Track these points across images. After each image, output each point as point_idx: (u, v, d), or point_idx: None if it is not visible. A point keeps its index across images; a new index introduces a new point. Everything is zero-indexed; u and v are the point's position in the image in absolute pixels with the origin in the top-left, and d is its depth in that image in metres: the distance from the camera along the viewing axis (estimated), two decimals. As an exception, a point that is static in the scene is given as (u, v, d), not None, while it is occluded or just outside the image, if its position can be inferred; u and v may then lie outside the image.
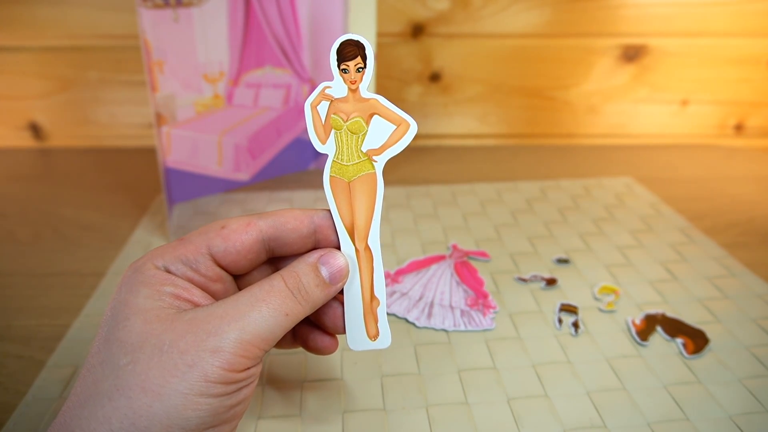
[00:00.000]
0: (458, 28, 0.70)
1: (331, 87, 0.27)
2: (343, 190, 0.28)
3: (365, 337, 0.29)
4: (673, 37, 0.72)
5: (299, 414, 0.33)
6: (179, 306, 0.24)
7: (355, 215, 0.28)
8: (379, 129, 0.27)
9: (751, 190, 0.64)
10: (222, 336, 0.22)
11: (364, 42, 0.26)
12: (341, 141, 0.27)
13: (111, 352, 0.22)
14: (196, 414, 0.21)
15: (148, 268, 0.25)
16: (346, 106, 0.27)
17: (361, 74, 0.27)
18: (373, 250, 0.28)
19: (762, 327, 0.41)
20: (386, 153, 0.28)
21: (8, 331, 0.40)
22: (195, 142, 0.56)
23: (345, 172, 0.28)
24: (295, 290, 0.25)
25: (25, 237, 0.53)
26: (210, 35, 0.53)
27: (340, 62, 0.26)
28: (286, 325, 0.24)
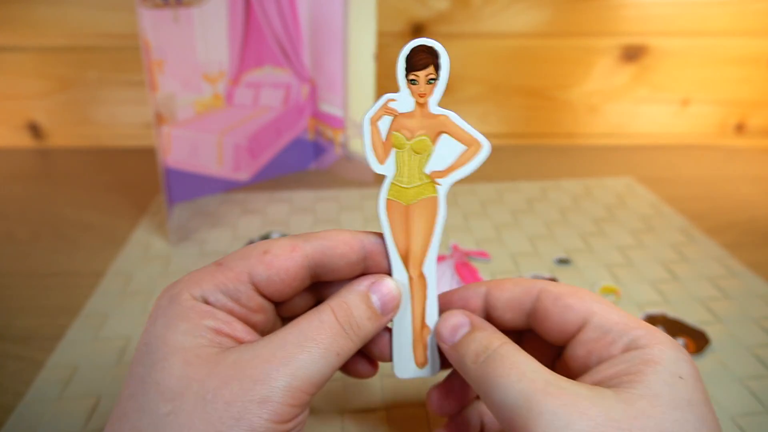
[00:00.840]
0: (458, 28, 0.70)
1: (395, 100, 0.24)
2: (400, 214, 0.25)
3: (413, 365, 0.27)
4: (674, 37, 0.72)
5: (299, 414, 0.33)
6: (221, 343, 0.22)
7: (411, 241, 0.25)
8: (446, 149, 0.24)
9: (752, 190, 0.64)
10: (270, 384, 0.20)
11: (440, 49, 0.23)
12: (402, 161, 0.24)
13: (149, 397, 0.20)
14: None
15: (186, 299, 0.22)
16: (411, 123, 0.24)
17: (432, 86, 0.23)
18: (427, 277, 0.26)
19: (763, 327, 0.41)
20: (452, 176, 0.25)
21: (8, 331, 0.40)
22: (195, 142, 0.56)
23: (404, 196, 0.25)
24: (347, 325, 0.23)
25: (25, 237, 0.53)
26: (210, 35, 0.53)
27: (409, 71, 0.23)
28: (337, 365, 0.22)
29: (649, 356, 0.21)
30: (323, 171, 0.66)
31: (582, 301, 0.24)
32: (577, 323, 0.24)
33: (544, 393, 0.20)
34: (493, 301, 0.26)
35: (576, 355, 0.23)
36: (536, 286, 0.25)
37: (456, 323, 0.25)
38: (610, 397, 0.20)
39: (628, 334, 0.22)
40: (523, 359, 0.22)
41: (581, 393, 0.20)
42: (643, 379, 0.20)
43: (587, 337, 0.23)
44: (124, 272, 0.47)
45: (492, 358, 0.22)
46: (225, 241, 0.51)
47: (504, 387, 0.21)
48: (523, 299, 0.25)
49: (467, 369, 0.23)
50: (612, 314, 0.23)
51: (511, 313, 0.26)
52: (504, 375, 0.21)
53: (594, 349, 0.23)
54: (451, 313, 0.26)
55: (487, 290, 0.26)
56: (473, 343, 0.24)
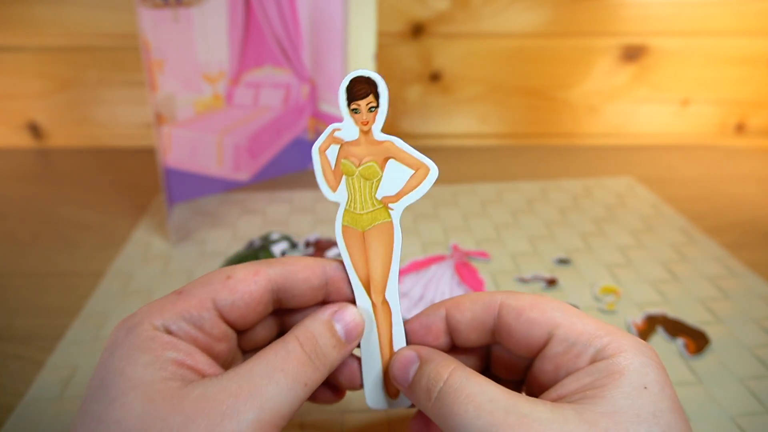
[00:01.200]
0: (458, 28, 0.70)
1: (340, 129, 0.24)
2: (357, 240, 0.25)
3: (384, 396, 0.26)
4: (673, 37, 0.72)
5: (299, 414, 0.33)
6: (183, 376, 0.21)
7: (370, 267, 0.25)
8: (395, 174, 0.24)
9: (752, 190, 0.64)
10: (238, 418, 0.19)
11: (377, 78, 0.23)
12: (354, 188, 0.25)
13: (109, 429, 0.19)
14: None
15: (146, 329, 0.21)
16: (358, 150, 0.24)
17: (374, 114, 0.24)
18: (391, 303, 0.25)
19: (763, 327, 0.41)
20: (403, 200, 0.25)
21: (7, 331, 0.40)
22: (195, 142, 0.55)
23: (359, 222, 0.25)
24: (313, 354, 0.22)
25: (25, 237, 0.53)
26: (210, 35, 0.53)
27: (350, 101, 0.24)
28: (305, 396, 0.22)
29: (614, 367, 0.21)
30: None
31: (544, 314, 0.23)
32: (542, 337, 0.23)
33: (505, 426, 0.19)
34: (454, 323, 0.25)
35: (544, 369, 0.23)
36: (495, 302, 0.24)
37: (404, 361, 0.24)
38: (571, 420, 0.19)
39: (593, 344, 0.22)
40: (476, 387, 0.21)
41: (543, 418, 0.19)
42: (605, 395, 0.20)
43: (553, 351, 0.23)
44: (124, 272, 0.47)
45: (445, 393, 0.21)
46: (225, 241, 0.51)
47: (465, 426, 0.20)
48: (484, 318, 0.25)
49: (426, 408, 0.22)
50: (576, 324, 0.23)
51: (476, 333, 0.25)
52: (461, 413, 0.20)
53: (561, 363, 0.22)
54: (399, 351, 0.25)
55: (446, 312, 0.25)
56: (423, 379, 0.23)
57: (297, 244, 0.50)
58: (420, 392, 0.23)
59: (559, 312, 0.23)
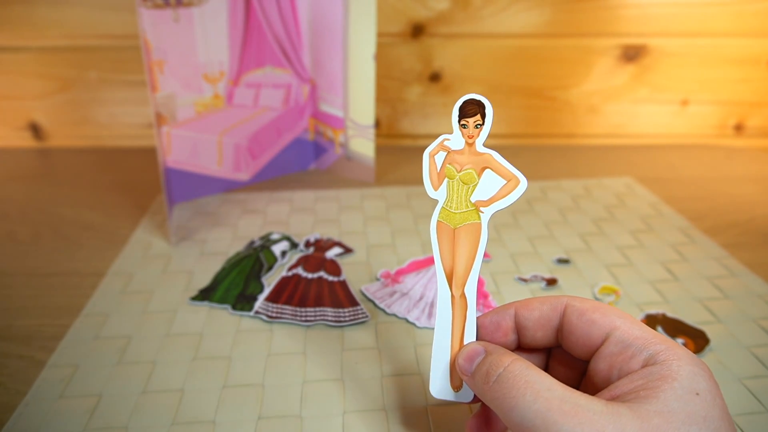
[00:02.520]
0: (458, 28, 0.70)
1: (449, 139, 0.29)
2: (447, 235, 0.29)
3: (448, 387, 0.28)
4: (673, 37, 0.72)
5: (299, 414, 0.33)
6: None
7: (455, 262, 0.29)
8: (490, 182, 0.28)
9: (752, 190, 0.64)
10: None
11: (485, 102, 0.28)
12: (452, 190, 0.29)
13: None
14: None
15: None
16: (461, 158, 0.28)
17: (479, 130, 0.28)
18: (468, 298, 0.28)
19: (762, 327, 0.41)
20: (493, 206, 0.28)
21: (9, 331, 0.40)
22: (195, 142, 0.56)
23: (452, 219, 0.29)
24: None
25: (25, 237, 0.53)
26: (210, 35, 0.53)
27: (461, 118, 0.28)
28: None
29: (667, 372, 0.21)
30: (323, 171, 0.66)
31: (605, 316, 0.25)
32: (600, 337, 0.24)
33: (560, 412, 0.20)
34: (522, 321, 0.27)
35: (598, 368, 0.24)
36: (562, 302, 0.26)
37: (472, 354, 0.26)
38: (625, 414, 0.20)
39: (648, 348, 0.23)
40: (536, 376, 0.22)
41: (597, 410, 0.20)
42: (659, 395, 0.21)
43: (609, 351, 0.24)
44: (125, 272, 0.47)
45: (504, 377, 0.23)
46: (225, 241, 0.51)
47: (521, 408, 0.21)
48: (551, 316, 0.27)
49: (483, 392, 0.24)
50: (634, 329, 0.24)
51: (542, 331, 0.27)
52: (519, 395, 0.22)
53: (615, 363, 0.23)
54: (468, 344, 0.27)
55: (515, 311, 0.28)
56: (484, 366, 0.25)
57: (297, 244, 0.50)
58: (479, 376, 0.25)
59: (619, 317, 0.25)
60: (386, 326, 0.40)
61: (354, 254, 0.49)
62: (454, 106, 0.28)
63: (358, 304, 0.42)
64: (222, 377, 0.35)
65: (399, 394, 0.34)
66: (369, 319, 0.41)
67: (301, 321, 0.40)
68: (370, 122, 0.59)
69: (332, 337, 0.39)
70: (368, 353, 0.38)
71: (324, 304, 0.42)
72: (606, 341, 0.24)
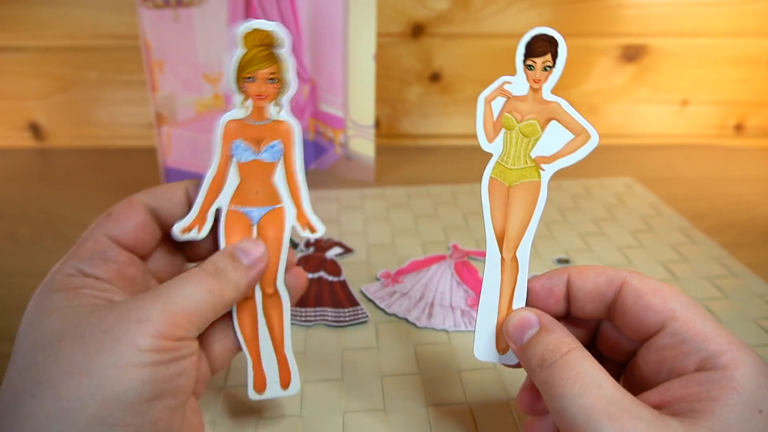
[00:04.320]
0: (458, 28, 0.70)
1: (510, 83, 0.25)
2: (501, 194, 0.26)
3: (493, 349, 0.27)
4: (673, 37, 0.72)
5: (299, 414, 0.33)
6: (99, 304, 0.23)
7: (508, 223, 0.26)
8: (555, 136, 0.25)
9: (752, 190, 0.64)
10: (146, 309, 0.22)
11: (559, 39, 0.24)
12: (510, 142, 0.25)
13: (27, 355, 0.21)
14: (132, 385, 0.20)
15: (60, 278, 0.23)
16: (523, 106, 0.25)
17: (548, 73, 0.24)
18: (520, 262, 0.26)
19: (762, 327, 0.41)
20: (557, 163, 0.25)
21: (8, 332, 0.40)
22: (195, 142, 0.56)
23: (507, 176, 0.26)
24: (214, 273, 0.25)
25: (25, 237, 0.53)
26: (210, 35, 0.53)
27: (527, 57, 0.24)
28: (212, 301, 0.24)
29: (729, 381, 0.19)
30: (323, 171, 0.66)
31: (665, 302, 0.23)
32: (655, 325, 0.23)
33: (605, 413, 0.19)
34: (574, 291, 0.25)
35: (648, 358, 0.23)
36: (619, 277, 0.24)
37: (524, 322, 0.25)
38: (673, 428, 0.18)
39: (706, 347, 0.21)
40: (590, 370, 0.21)
41: (644, 418, 0.19)
42: (716, 410, 0.19)
43: (662, 342, 0.22)
44: (125, 272, 0.47)
45: (558, 365, 0.22)
46: (225, 241, 0.51)
47: (566, 398, 0.20)
48: (605, 291, 0.25)
49: (533, 372, 0.23)
50: (695, 322, 0.22)
51: (592, 304, 0.25)
52: (568, 386, 0.21)
53: (667, 357, 0.22)
54: (520, 311, 0.25)
55: (568, 278, 0.26)
56: (539, 345, 0.23)
57: (297, 244, 0.50)
58: (534, 357, 0.23)
59: (681, 305, 0.22)
60: (386, 326, 0.40)
61: (354, 254, 0.49)
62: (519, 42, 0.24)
63: (358, 304, 0.42)
64: (222, 377, 0.35)
65: (399, 394, 0.34)
66: (369, 319, 0.41)
67: (301, 321, 0.40)
68: (370, 122, 0.59)
69: (332, 337, 0.39)
70: (368, 353, 0.38)
71: (324, 304, 0.42)
72: (661, 331, 0.22)
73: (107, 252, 0.25)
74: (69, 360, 0.20)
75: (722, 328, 0.21)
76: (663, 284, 0.24)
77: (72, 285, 0.23)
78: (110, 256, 0.25)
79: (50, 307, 0.22)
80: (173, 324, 0.22)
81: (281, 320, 0.28)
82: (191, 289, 0.23)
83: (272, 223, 0.27)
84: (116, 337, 0.20)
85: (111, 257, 0.25)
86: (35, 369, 0.20)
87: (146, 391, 0.21)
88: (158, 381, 0.21)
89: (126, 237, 0.26)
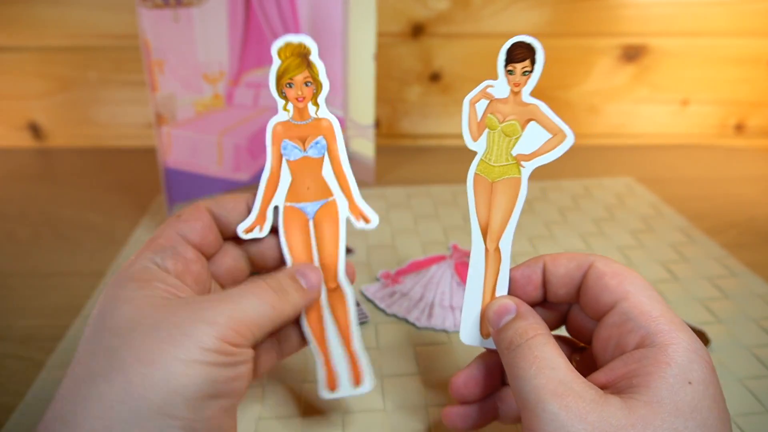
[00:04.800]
0: (458, 28, 0.70)
1: (493, 86, 0.27)
2: (485, 189, 0.28)
3: (478, 334, 0.28)
4: (673, 37, 0.72)
5: (300, 414, 0.33)
6: (169, 297, 0.24)
7: (491, 216, 0.28)
8: (534, 135, 0.27)
9: (752, 190, 0.64)
10: (216, 311, 0.23)
11: (537, 45, 0.25)
12: (493, 141, 0.27)
13: (101, 340, 0.22)
14: (195, 381, 0.21)
15: (137, 268, 0.25)
16: (504, 108, 0.27)
17: (527, 78, 0.26)
18: (503, 252, 0.28)
19: (763, 327, 0.41)
20: (536, 160, 0.27)
21: (8, 332, 0.40)
22: (195, 142, 0.56)
23: (490, 172, 0.28)
24: (277, 290, 0.26)
25: (25, 237, 0.53)
26: (210, 35, 0.53)
27: (508, 63, 0.26)
28: (273, 316, 0.25)
29: (662, 357, 0.21)
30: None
31: (620, 284, 0.24)
32: (609, 304, 0.24)
33: (554, 393, 0.21)
34: (549, 276, 0.27)
35: (599, 335, 0.24)
36: (587, 261, 0.26)
37: (503, 309, 0.26)
38: (613, 404, 0.20)
39: (647, 326, 0.22)
40: (548, 354, 0.23)
41: (586, 397, 0.21)
42: (650, 384, 0.21)
43: (611, 321, 0.24)
44: (125, 272, 0.47)
45: (521, 348, 0.24)
46: (225, 241, 0.51)
47: (523, 379, 0.22)
48: (575, 274, 0.26)
49: (502, 354, 0.25)
50: (643, 304, 0.23)
51: (565, 288, 0.27)
52: (525, 368, 0.23)
53: (613, 334, 0.24)
54: (501, 298, 0.27)
55: (544, 265, 0.27)
56: (510, 330, 0.25)
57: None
58: (504, 341, 0.25)
59: (634, 287, 0.24)
60: (386, 326, 0.40)
61: (354, 254, 0.49)
62: (501, 49, 0.26)
63: (359, 305, 0.42)
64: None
65: (399, 394, 0.34)
66: (369, 319, 0.41)
67: (301, 321, 0.40)
68: (370, 122, 0.59)
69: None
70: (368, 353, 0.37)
71: (324, 304, 0.42)
72: (612, 310, 0.24)
73: (178, 247, 0.27)
74: (141, 349, 0.22)
75: (668, 310, 0.23)
76: (625, 268, 0.25)
77: (147, 276, 0.25)
78: (181, 251, 0.27)
79: (126, 295, 0.24)
80: (236, 331, 0.23)
81: (346, 314, 0.29)
82: (256, 302, 0.25)
83: (327, 217, 0.29)
84: (186, 333, 0.22)
85: (181, 252, 0.27)
86: (109, 353, 0.22)
87: (206, 389, 0.22)
88: (218, 381, 0.22)
89: (194, 236, 0.28)
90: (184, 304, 0.24)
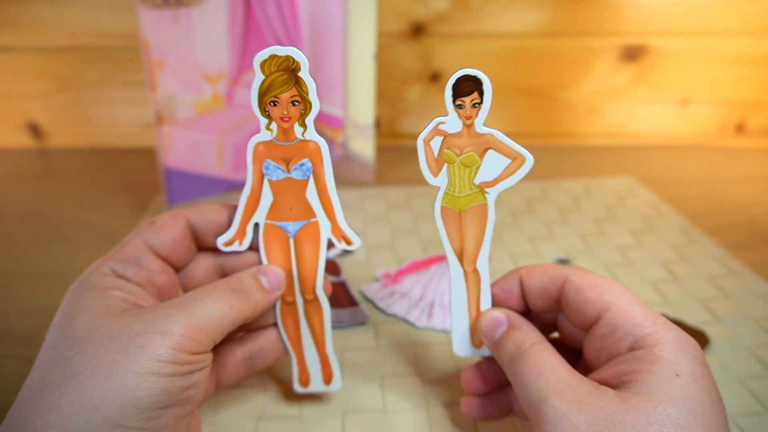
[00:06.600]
0: (458, 28, 0.70)
1: (444, 122, 0.27)
2: (453, 219, 0.28)
3: (470, 346, 0.30)
4: (673, 36, 0.72)
5: (299, 414, 0.33)
6: (127, 307, 0.24)
7: (465, 241, 0.28)
8: (494, 161, 0.27)
9: (752, 190, 0.64)
10: (171, 320, 0.23)
11: (482, 77, 0.25)
12: (454, 174, 0.27)
13: (58, 349, 0.23)
14: (149, 392, 0.22)
15: (95, 276, 0.25)
16: (460, 141, 0.27)
17: (477, 109, 0.26)
18: (481, 272, 0.29)
19: (763, 327, 0.41)
20: (499, 185, 0.27)
21: (7, 332, 0.40)
22: (195, 142, 0.56)
23: (456, 203, 0.28)
24: (237, 290, 0.26)
25: (25, 237, 0.53)
26: (210, 35, 0.53)
27: (456, 98, 0.26)
28: (232, 317, 0.25)
29: (651, 356, 0.22)
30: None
31: (600, 295, 0.25)
32: (593, 317, 0.25)
33: (554, 390, 0.23)
34: (526, 290, 0.28)
35: (590, 346, 0.26)
36: (561, 275, 0.27)
37: (494, 322, 0.28)
38: (608, 394, 0.22)
39: (634, 333, 0.24)
40: (547, 358, 0.24)
41: (584, 390, 0.22)
42: (640, 378, 0.22)
43: (599, 332, 0.25)
44: (124, 272, 0.47)
45: (522, 358, 0.25)
46: (225, 241, 0.51)
47: (527, 384, 0.24)
48: (550, 288, 0.27)
49: (505, 366, 0.26)
50: (626, 311, 0.24)
51: (542, 300, 0.28)
52: (526, 373, 0.24)
53: (604, 344, 0.25)
54: (490, 311, 0.28)
55: (521, 278, 0.28)
56: (508, 342, 0.26)
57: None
58: (505, 354, 0.26)
59: (615, 296, 0.25)
60: (386, 326, 0.40)
61: (354, 254, 0.49)
62: (446, 85, 0.25)
63: (358, 305, 0.42)
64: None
65: (399, 394, 0.34)
66: (369, 319, 0.41)
67: (301, 321, 0.40)
68: (369, 122, 0.59)
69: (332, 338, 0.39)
70: (368, 353, 0.38)
71: (324, 304, 0.42)
72: (597, 322, 0.25)
73: (142, 259, 0.27)
74: (95, 360, 0.22)
75: (651, 312, 0.24)
76: (600, 277, 0.26)
77: (105, 285, 0.25)
78: (144, 263, 0.27)
79: (83, 305, 0.24)
80: (193, 338, 0.23)
81: (322, 323, 0.30)
82: (214, 305, 0.25)
83: (308, 236, 0.29)
84: (141, 345, 0.22)
85: (144, 264, 0.27)
86: (63, 363, 0.22)
87: (160, 400, 0.22)
88: (172, 391, 0.23)
89: (163, 248, 0.27)
90: (140, 314, 0.23)
